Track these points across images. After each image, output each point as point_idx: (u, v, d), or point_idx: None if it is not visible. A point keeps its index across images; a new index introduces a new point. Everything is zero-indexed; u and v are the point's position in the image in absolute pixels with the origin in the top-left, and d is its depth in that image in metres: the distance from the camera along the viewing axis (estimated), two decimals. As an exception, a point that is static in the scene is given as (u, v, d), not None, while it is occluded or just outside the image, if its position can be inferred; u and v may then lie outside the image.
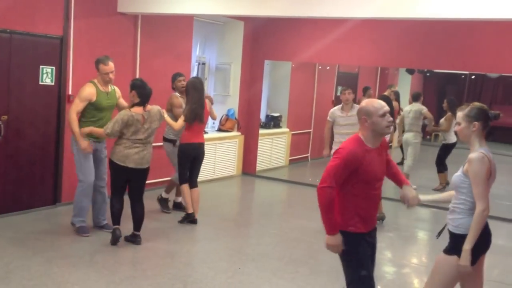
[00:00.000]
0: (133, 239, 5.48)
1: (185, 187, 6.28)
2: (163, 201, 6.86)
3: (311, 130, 10.83)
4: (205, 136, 8.68)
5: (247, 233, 6.49)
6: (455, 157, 8.67)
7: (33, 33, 6.05)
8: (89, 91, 5.41)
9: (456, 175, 3.38)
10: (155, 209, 6.82)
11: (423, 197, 3.55)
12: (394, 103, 9.95)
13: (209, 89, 9.53)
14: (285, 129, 10.39)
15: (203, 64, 9.32)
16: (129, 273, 4.77)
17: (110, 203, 5.42)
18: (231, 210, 7.63)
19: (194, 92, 6.10)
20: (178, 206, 6.90)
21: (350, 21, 7.96)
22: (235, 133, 9.39)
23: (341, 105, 6.88)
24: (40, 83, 6.10)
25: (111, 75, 5.49)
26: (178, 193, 6.86)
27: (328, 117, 6.92)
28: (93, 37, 6.71)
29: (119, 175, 5.32)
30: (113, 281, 4.56)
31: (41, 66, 6.14)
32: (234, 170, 9.45)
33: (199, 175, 6.53)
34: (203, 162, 6.46)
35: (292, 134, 10.49)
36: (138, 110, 5.23)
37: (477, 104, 3.39)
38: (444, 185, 8.79)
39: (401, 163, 9.11)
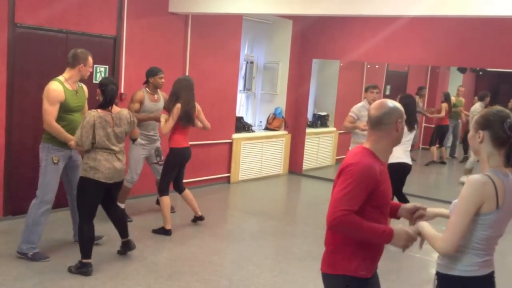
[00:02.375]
0: (126, 247, 4.99)
1: (166, 199, 5.74)
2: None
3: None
4: (252, 135, 8.80)
5: (292, 232, 6.50)
6: None
7: (88, 33, 6.24)
8: (57, 91, 4.66)
9: (454, 202, 2.54)
10: (200, 205, 6.91)
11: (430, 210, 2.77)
12: (444, 104, 9.74)
13: (257, 87, 9.58)
14: (332, 128, 10.32)
15: (251, 63, 9.38)
16: (176, 269, 4.86)
17: (81, 231, 4.56)
18: (277, 209, 7.65)
19: (185, 93, 5.63)
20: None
21: (400, 19, 7.83)
22: (282, 132, 9.40)
23: (363, 102, 6.59)
24: (94, 81, 6.29)
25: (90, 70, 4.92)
26: (122, 199, 6.05)
27: (351, 113, 6.49)
28: (145, 37, 6.86)
29: (97, 194, 4.57)
30: (161, 276, 4.66)
31: (95, 65, 6.32)
32: (280, 169, 9.46)
33: (242, 174, 6.29)
34: (246, 160, 6.12)
35: (339, 134, 10.40)
36: (104, 111, 4.55)
37: (496, 108, 2.50)
38: None
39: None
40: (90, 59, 4.87)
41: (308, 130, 9.74)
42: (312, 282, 4.79)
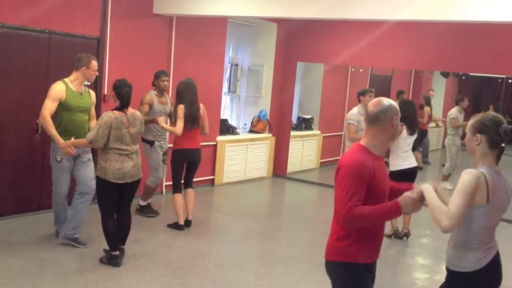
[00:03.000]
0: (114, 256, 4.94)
1: (178, 196, 5.95)
2: (144, 209, 6.44)
3: (343, 132, 10.71)
4: (237, 137, 8.78)
5: (277, 235, 6.49)
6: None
7: (71, 33, 6.18)
8: (59, 89, 4.99)
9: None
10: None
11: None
12: (427, 108, 9.82)
13: (241, 90, 9.57)
14: (316, 131, 10.35)
15: (236, 65, 9.37)
16: (159, 272, 4.82)
17: (104, 225, 4.82)
18: (261, 211, 7.64)
19: (189, 95, 5.81)
20: (141, 210, 6.46)
21: (384, 24, 7.89)
22: (266, 134, 9.40)
23: (358, 107, 6.71)
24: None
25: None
26: (146, 197, 6.44)
27: (351, 121, 6.65)
28: (129, 38, 6.82)
29: (111, 193, 4.76)
30: (144, 279, 4.63)
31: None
32: (264, 171, 9.46)
33: (227, 176, 6.44)
34: (231, 163, 6.32)
35: (324, 137, 10.43)
36: (120, 113, 4.76)
37: (490, 113, 2.83)
38: None
39: None
40: (94, 63, 5.14)
41: (293, 133, 9.75)
42: (296, 284, 4.79)
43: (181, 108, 5.75)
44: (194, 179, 6.81)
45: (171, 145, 6.28)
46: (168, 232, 5.92)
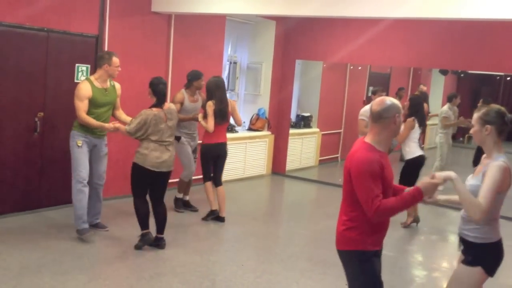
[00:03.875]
0: (157, 242, 5.32)
1: (208, 184, 6.32)
2: (178, 201, 6.81)
3: (342, 130, 10.76)
4: (235, 135, 8.78)
5: (276, 233, 6.50)
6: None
7: (70, 32, 6.17)
8: (84, 89, 5.28)
9: (471, 184, 3.16)
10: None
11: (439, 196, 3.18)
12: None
13: (240, 88, 9.57)
14: (315, 129, 10.35)
15: (235, 63, 9.36)
16: (158, 270, 4.83)
17: (135, 206, 5.21)
18: (260, 209, 7.65)
19: (218, 91, 6.10)
20: (186, 205, 6.85)
21: (383, 21, 7.88)
22: (265, 132, 9.40)
23: (370, 104, 6.82)
24: (76, 81, 6.22)
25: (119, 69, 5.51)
26: (181, 190, 6.78)
27: (362, 116, 6.92)
28: (127, 36, 6.81)
29: (144, 178, 5.14)
30: (143, 277, 4.63)
31: (76, 64, 6.26)
32: (263, 169, 9.46)
33: (225, 174, 6.52)
34: (229, 161, 6.45)
35: (322, 134, 10.44)
36: (158, 109, 5.12)
37: (494, 106, 3.19)
38: None
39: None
40: (115, 59, 5.38)
41: (292, 130, 9.75)
42: (295, 282, 4.80)
43: (210, 106, 6.00)
44: (194, 177, 6.87)
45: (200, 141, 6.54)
46: (167, 230, 5.91)
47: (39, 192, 6.11)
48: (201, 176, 6.77)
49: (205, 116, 6.12)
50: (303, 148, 10.19)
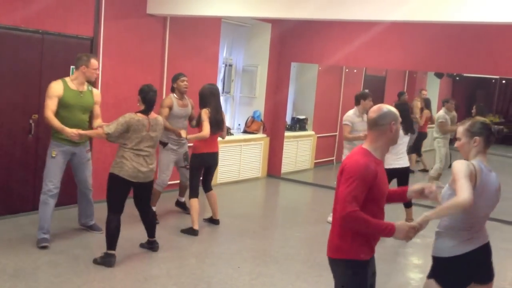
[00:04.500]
0: (151, 246, 5.29)
1: (195, 201, 5.97)
2: (180, 205, 6.82)
3: (337, 133, 10.76)
4: (231, 138, 8.77)
5: (271, 236, 6.49)
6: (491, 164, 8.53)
7: (65, 33, 6.16)
8: (54, 87, 5.04)
9: (445, 187, 3.14)
10: (177, 210, 6.88)
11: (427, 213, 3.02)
12: (426, 111, 9.80)
13: (235, 90, 9.57)
14: (310, 132, 10.36)
15: (230, 66, 9.36)
16: (153, 273, 4.81)
17: (108, 221, 4.83)
18: (256, 212, 7.64)
19: (213, 99, 5.89)
20: (182, 206, 6.86)
21: (378, 24, 7.91)
22: (260, 135, 9.40)
23: (354, 110, 6.72)
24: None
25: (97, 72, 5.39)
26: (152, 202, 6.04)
27: (345, 122, 6.66)
28: (123, 38, 6.80)
29: (123, 190, 4.87)
30: (138, 279, 4.62)
31: (71, 67, 6.21)
32: (259, 172, 9.46)
33: (220, 177, 6.48)
34: (224, 163, 6.34)
35: (318, 137, 10.45)
36: (143, 116, 4.88)
37: (479, 118, 3.19)
38: None
39: None
40: (93, 62, 5.20)
41: (287, 133, 9.76)
42: (290, 285, 4.79)
43: (205, 112, 5.79)
44: (171, 182, 6.83)
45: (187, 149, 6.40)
46: (162, 232, 5.90)
47: (34, 194, 6.08)
48: (176, 182, 6.80)
49: (197, 124, 5.96)
50: (299, 150, 10.19)
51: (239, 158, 8.94)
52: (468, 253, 3.06)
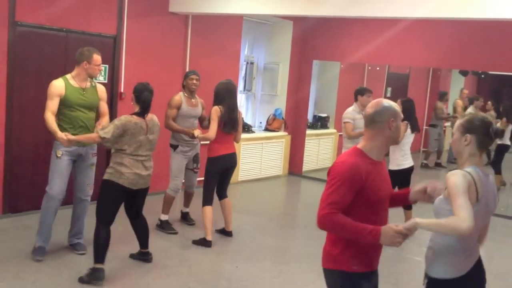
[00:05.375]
0: (144, 257, 4.89)
1: (209, 210, 5.48)
2: (165, 224, 5.87)
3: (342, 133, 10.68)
4: (252, 135, 8.78)
5: (292, 234, 6.48)
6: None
7: (88, 32, 6.23)
8: (55, 85, 4.65)
9: (438, 199, 2.68)
10: (195, 207, 6.89)
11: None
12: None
13: (257, 88, 9.56)
14: (332, 130, 10.30)
15: (251, 63, 9.36)
16: (175, 269, 4.84)
17: (97, 233, 4.36)
18: (277, 210, 7.63)
19: (229, 97, 5.42)
20: (184, 218, 6.23)
21: (402, 21, 7.82)
22: (282, 133, 9.38)
23: (354, 106, 6.64)
24: (94, 80, 6.27)
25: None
26: (166, 210, 5.89)
27: (346, 119, 6.52)
28: (145, 37, 6.85)
29: (119, 199, 4.45)
30: (160, 275, 4.64)
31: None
32: (280, 170, 9.44)
33: (242, 174, 6.13)
34: (246, 161, 5.91)
35: (340, 135, 10.36)
36: (140, 118, 4.45)
37: (480, 114, 2.76)
38: (498, 187, 8.53)
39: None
40: (96, 57, 4.75)
41: (308, 131, 9.72)
42: (311, 283, 4.77)
43: (216, 110, 5.32)
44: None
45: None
46: (185, 229, 5.93)
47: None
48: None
49: (209, 124, 5.43)
50: (320, 148, 10.14)
51: (260, 156, 8.93)
52: (472, 268, 2.69)
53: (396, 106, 2.68)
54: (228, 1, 6.62)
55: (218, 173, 5.55)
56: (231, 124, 5.43)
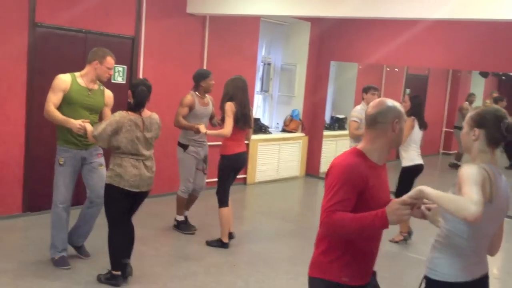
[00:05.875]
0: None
1: (226, 211, 5.38)
2: (181, 225, 5.84)
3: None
4: (269, 136, 8.77)
5: (309, 235, 6.41)
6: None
7: (107, 33, 6.28)
8: (61, 79, 4.45)
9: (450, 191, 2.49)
10: (211, 205, 6.89)
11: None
12: None
13: (274, 89, 9.55)
14: (350, 131, 10.23)
15: (269, 64, 9.36)
16: (192, 269, 4.84)
17: (109, 240, 4.29)
18: (294, 211, 7.61)
19: (241, 93, 5.29)
20: (178, 226, 5.90)
21: (420, 22, 7.74)
22: (299, 134, 9.36)
23: (362, 105, 6.48)
24: (112, 81, 6.30)
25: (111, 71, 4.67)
26: (181, 211, 5.83)
27: (353, 118, 6.33)
28: (163, 38, 6.89)
29: (124, 203, 4.27)
30: (177, 276, 4.66)
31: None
32: (297, 171, 9.42)
33: (259, 175, 5.97)
34: (263, 162, 5.68)
35: (357, 137, 10.31)
36: (135, 114, 4.22)
37: (493, 106, 2.52)
38: None
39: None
40: (109, 59, 4.55)
41: (326, 132, 9.68)
42: (328, 285, 4.74)
43: (230, 105, 5.17)
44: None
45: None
46: (201, 229, 5.93)
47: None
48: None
49: (222, 120, 5.32)
50: (338, 150, 10.07)
51: (277, 157, 8.92)
52: (477, 279, 2.48)
53: (400, 106, 2.49)
54: (245, 2, 6.62)
55: (233, 172, 5.43)
56: (244, 119, 5.28)
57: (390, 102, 2.47)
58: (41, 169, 5.92)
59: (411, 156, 5.94)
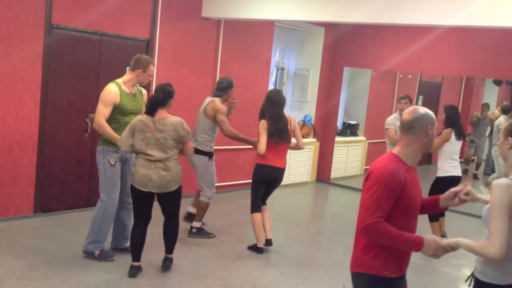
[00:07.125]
0: (163, 262, 4.81)
1: (257, 216, 5.47)
2: (199, 232, 5.84)
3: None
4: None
5: (319, 241, 6.44)
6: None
7: (122, 35, 6.33)
8: (113, 92, 4.68)
9: (486, 208, 2.67)
10: (227, 211, 6.90)
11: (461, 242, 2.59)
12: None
13: (287, 94, 9.56)
14: (361, 138, 10.22)
15: (282, 69, 9.37)
16: (201, 272, 4.86)
17: (132, 232, 4.62)
18: (304, 216, 7.60)
19: (272, 108, 5.36)
20: (188, 218, 5.98)
21: (434, 29, 7.72)
22: (311, 139, 9.35)
23: (396, 113, 6.66)
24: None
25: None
26: (199, 217, 5.84)
27: (388, 126, 6.52)
28: (178, 41, 6.93)
29: (138, 200, 4.51)
30: (186, 279, 4.67)
31: (127, 68, 6.38)
32: (308, 176, 9.41)
33: None
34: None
35: (369, 143, 10.28)
36: (147, 116, 4.44)
37: None
38: None
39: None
40: (152, 68, 4.85)
41: (337, 138, 9.67)
42: (337, 291, 4.73)
43: (261, 124, 5.30)
44: (236, 181, 6.61)
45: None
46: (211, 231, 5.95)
47: (88, 191, 6.27)
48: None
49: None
50: (349, 156, 10.07)
51: (288, 162, 8.85)
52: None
53: (432, 114, 2.68)
54: (260, 7, 6.64)
55: (261, 182, 5.49)
56: (278, 134, 5.32)
57: (423, 109, 2.68)
58: (54, 170, 5.98)
59: (445, 167, 6.02)
